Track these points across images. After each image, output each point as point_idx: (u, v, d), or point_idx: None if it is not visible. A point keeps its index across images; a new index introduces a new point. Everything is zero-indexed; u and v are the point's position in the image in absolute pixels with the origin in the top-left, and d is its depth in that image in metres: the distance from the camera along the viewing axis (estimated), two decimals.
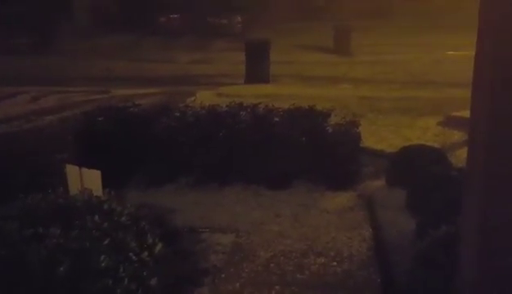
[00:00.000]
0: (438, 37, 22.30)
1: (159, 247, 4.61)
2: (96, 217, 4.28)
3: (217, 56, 21.26)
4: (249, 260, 5.14)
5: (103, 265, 3.94)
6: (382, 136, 9.22)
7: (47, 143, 8.50)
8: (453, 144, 8.76)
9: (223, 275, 4.89)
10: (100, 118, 7.38)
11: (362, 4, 28.31)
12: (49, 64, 19.64)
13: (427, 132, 9.55)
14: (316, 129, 7.19)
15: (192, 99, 12.10)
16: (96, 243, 4.03)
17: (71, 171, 5.05)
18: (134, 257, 4.26)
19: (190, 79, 16.63)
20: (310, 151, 7.12)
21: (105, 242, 4.08)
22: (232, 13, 26.54)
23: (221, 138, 7.15)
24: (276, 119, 7.22)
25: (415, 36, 23.05)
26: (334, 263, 5.09)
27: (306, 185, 7.08)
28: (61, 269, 3.75)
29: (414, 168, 6.23)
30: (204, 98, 11.73)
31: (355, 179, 7.13)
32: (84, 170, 5.00)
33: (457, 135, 9.24)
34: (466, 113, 9.73)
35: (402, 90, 13.98)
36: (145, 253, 4.39)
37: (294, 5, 29.82)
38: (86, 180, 4.94)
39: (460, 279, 2.92)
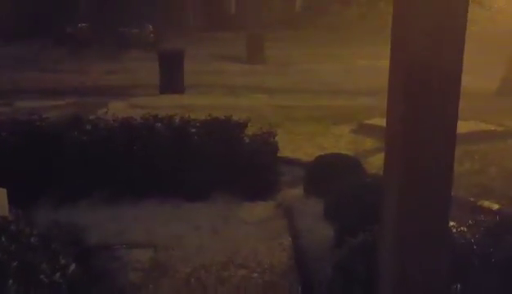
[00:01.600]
0: (349, 48, 23.09)
1: (72, 267, 4.47)
2: (3, 239, 4.06)
3: (130, 66, 20.78)
4: (168, 276, 5.07)
5: (12, 289, 3.73)
6: (298, 145, 9.41)
7: None
8: (366, 151, 9.10)
9: None
10: (3, 133, 7.00)
11: (274, 14, 28.80)
12: None
13: (341, 140, 9.86)
14: (234, 139, 7.24)
15: (104, 110, 11.61)
16: (3, 267, 3.81)
17: None
18: (46, 280, 4.10)
19: (101, 90, 16.13)
20: (228, 162, 7.15)
21: (13, 265, 3.86)
22: (143, 23, 26.17)
23: (136, 151, 7.02)
24: (193, 130, 7.20)
25: (326, 47, 23.74)
26: (256, 274, 5.11)
27: (224, 197, 7.08)
28: None
29: (330, 176, 6.40)
30: (116, 110, 11.35)
31: (273, 188, 7.21)
32: None
33: (369, 143, 9.60)
34: (378, 121, 10.33)
35: (316, 99, 14.33)
36: (58, 275, 4.25)
37: (206, 14, 29.89)
38: None
39: (379, 286, 2.99)
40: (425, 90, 2.59)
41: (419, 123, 2.60)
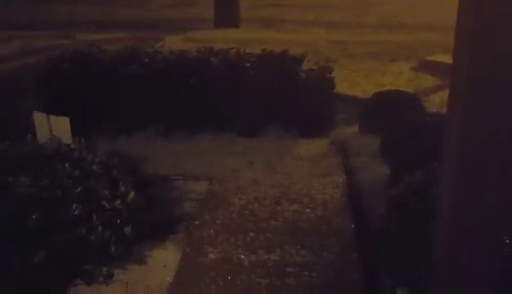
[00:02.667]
0: None
1: (131, 195, 4.61)
2: (67, 165, 4.20)
3: (186, 0, 20.75)
4: (223, 208, 5.17)
5: (75, 213, 3.92)
6: (355, 82, 9.24)
7: (11, 91, 8.16)
8: (426, 89, 8.83)
9: (197, 222, 4.92)
10: (66, 64, 7.18)
11: None
12: (5, 10, 18.88)
13: (400, 77, 9.57)
14: (289, 75, 7.14)
15: (161, 44, 11.86)
16: (67, 192, 3.98)
17: (39, 118, 4.92)
18: (107, 205, 4.26)
19: (158, 24, 16.25)
20: (283, 98, 7.10)
21: (77, 190, 4.03)
22: None
23: (191, 85, 7.05)
24: (248, 65, 7.14)
25: None
26: (308, 209, 5.15)
27: (279, 133, 7.09)
28: (33, 217, 3.72)
29: (387, 114, 6.24)
30: (172, 43, 11.51)
31: (328, 126, 7.15)
32: (52, 117, 4.88)
33: (430, 80, 9.32)
34: (440, 58, 9.94)
35: (374, 34, 13.95)
36: (118, 201, 4.39)
37: None
38: (54, 128, 4.84)
39: (436, 227, 2.98)
40: (494, 32, 2.44)
41: (487, 71, 2.48)
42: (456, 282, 2.75)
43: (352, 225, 4.85)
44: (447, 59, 8.66)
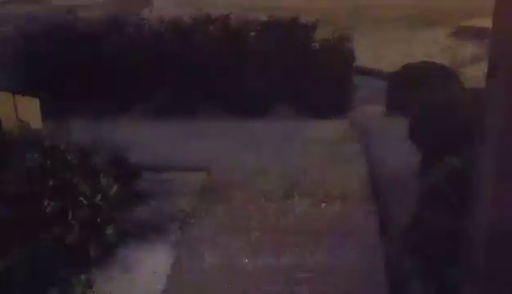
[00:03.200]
0: None
1: (114, 189, 4.62)
2: (36, 155, 4.18)
3: None
4: (222, 203, 5.19)
5: (47, 211, 3.91)
6: (380, 53, 9.16)
7: None
8: (464, 59, 8.73)
9: (192, 221, 4.94)
10: (39, 36, 7.14)
11: None
12: None
13: (433, 46, 9.51)
14: (301, 45, 7.13)
15: (149, 9, 11.77)
16: (37, 186, 3.97)
17: (3, 98, 4.87)
18: (85, 201, 4.25)
19: None
20: (293, 72, 7.06)
21: (49, 184, 4.03)
22: None
23: (186, 58, 7.01)
24: (252, 34, 7.09)
25: None
26: (323, 204, 5.17)
27: (289, 113, 7.10)
28: None
29: (417, 90, 6.17)
30: (162, 8, 11.41)
31: (348, 104, 7.14)
32: (19, 97, 4.84)
33: (468, 49, 9.21)
34: (479, 22, 9.79)
35: None
36: (98, 197, 4.40)
37: None
38: (22, 110, 4.79)
39: (475, 220, 2.94)
40: None
41: None
42: (496, 278, 2.75)
43: (377, 223, 4.83)
44: (486, 23, 8.52)
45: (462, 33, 9.46)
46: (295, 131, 6.63)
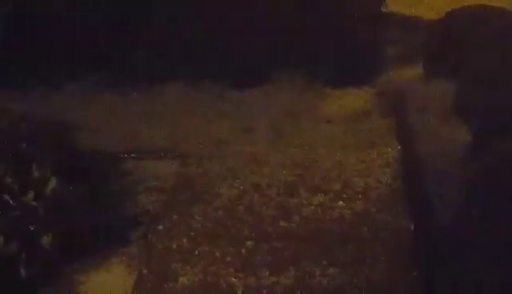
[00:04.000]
0: None
1: (52, 184, 4.59)
2: None
3: None
4: (202, 202, 5.22)
5: None
6: None
7: None
8: None
9: (161, 227, 4.95)
10: None
11: None
12: None
13: None
14: None
15: None
16: None
17: None
18: (11, 201, 4.26)
19: None
20: (300, 24, 6.99)
21: None
22: None
23: (153, 9, 6.96)
24: None
25: None
26: (340, 202, 5.18)
27: (294, 80, 6.99)
28: None
29: (467, 46, 6.18)
30: None
31: (374, 67, 7.06)
32: None
33: None
34: None
35: None
36: (31, 194, 4.39)
37: None
38: None
39: None
40: None
41: None
42: None
43: (411, 226, 4.86)
44: None
45: None
46: (303, 104, 6.63)
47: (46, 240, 4.28)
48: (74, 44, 7.00)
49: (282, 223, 4.99)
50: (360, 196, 5.28)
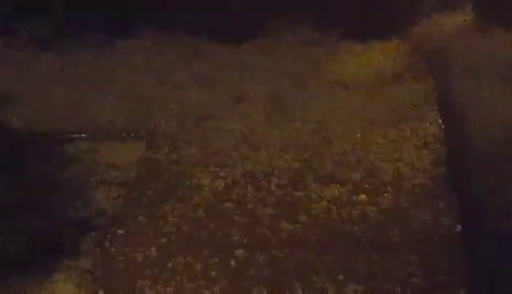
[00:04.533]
0: None
1: None
2: None
3: None
4: (178, 198, 5.14)
5: None
6: None
7: None
8: None
9: (122, 231, 4.89)
10: None
11: None
12: None
13: None
14: None
15: None
16: None
17: None
18: None
19: None
20: None
21: None
22: None
23: None
24: None
25: None
26: (362, 196, 5.13)
27: (299, 32, 7.00)
28: None
29: None
30: None
31: (405, 12, 7.08)
32: None
33: None
34: None
35: None
36: None
37: None
38: None
39: None
40: None
41: None
42: None
43: (458, 228, 4.80)
44: None
45: None
46: (310, 65, 6.56)
47: None
48: None
49: (284, 225, 4.91)
50: (388, 188, 5.22)
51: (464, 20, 6.91)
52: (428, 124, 5.79)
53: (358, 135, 5.75)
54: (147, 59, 6.68)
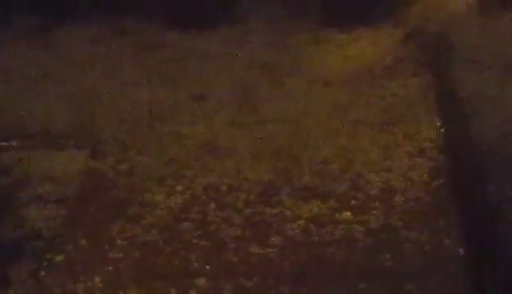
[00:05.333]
0: None
1: None
2: None
3: None
4: (127, 218, 5.18)
5: None
6: None
7: None
8: None
9: (61, 258, 4.91)
10: None
11: None
12: None
13: None
14: None
15: None
16: None
17: None
18: None
19: None
20: None
21: None
22: None
23: None
24: None
25: None
26: (347, 214, 5.17)
27: (273, 16, 7.15)
28: None
29: None
30: None
31: None
32: None
33: None
34: None
35: None
36: None
37: None
38: None
39: None
40: None
41: None
42: None
43: (461, 251, 4.85)
44: None
45: None
46: (286, 56, 6.67)
47: None
48: None
49: (253, 249, 4.96)
50: (377, 203, 5.25)
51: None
52: (424, 127, 5.86)
53: (342, 140, 5.78)
54: (91, 50, 6.73)
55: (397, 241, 5.03)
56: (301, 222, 5.18)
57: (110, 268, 4.88)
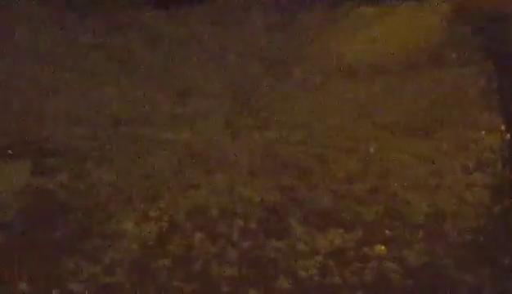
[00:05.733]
0: None
1: None
2: None
3: None
4: (81, 253, 4.74)
5: None
6: None
7: None
8: None
9: None
10: None
11: None
12: None
13: None
14: None
15: None
16: None
17: None
18: None
19: None
20: None
21: None
22: None
23: None
24: None
25: None
26: (380, 247, 4.72)
27: None
28: None
29: None
30: None
31: None
32: None
33: None
34: None
35: None
36: None
37: None
38: None
39: None
40: None
41: None
42: None
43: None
44: None
45: None
46: (295, 40, 6.43)
47: None
48: None
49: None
50: (421, 234, 4.75)
51: None
52: (483, 132, 5.46)
53: (371, 149, 5.38)
54: (33, 32, 6.54)
55: (446, 285, 4.49)
56: (318, 258, 4.64)
57: None
